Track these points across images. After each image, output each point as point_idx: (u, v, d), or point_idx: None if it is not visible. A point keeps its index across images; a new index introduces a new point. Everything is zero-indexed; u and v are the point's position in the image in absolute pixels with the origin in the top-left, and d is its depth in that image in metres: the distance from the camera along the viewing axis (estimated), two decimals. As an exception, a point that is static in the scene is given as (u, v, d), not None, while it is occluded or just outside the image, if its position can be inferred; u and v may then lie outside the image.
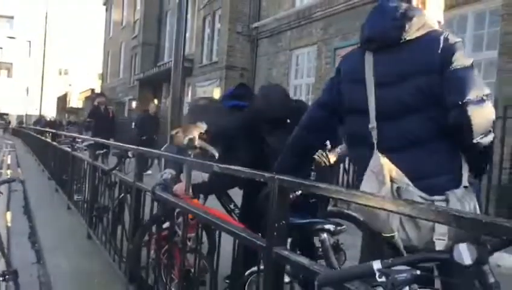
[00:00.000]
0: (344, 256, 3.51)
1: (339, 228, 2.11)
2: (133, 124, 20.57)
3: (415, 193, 1.63)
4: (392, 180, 1.65)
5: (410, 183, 1.64)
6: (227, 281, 3.04)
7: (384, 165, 1.66)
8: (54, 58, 41.86)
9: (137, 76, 23.10)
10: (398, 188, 1.63)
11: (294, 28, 13.07)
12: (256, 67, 15.00)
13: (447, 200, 1.62)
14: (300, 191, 2.01)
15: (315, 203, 2.58)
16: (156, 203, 3.18)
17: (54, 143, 9.38)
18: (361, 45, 1.86)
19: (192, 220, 2.74)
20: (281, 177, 1.67)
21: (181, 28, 6.75)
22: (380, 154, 1.70)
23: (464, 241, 1.01)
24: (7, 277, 2.48)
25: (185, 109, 8.19)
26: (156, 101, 21.42)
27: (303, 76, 13.01)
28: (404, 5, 1.77)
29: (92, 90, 32.70)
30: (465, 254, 1.01)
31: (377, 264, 1.06)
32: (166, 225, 3.05)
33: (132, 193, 3.71)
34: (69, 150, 7.20)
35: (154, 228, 3.21)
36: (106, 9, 34.75)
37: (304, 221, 2.23)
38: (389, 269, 1.05)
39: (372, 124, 1.74)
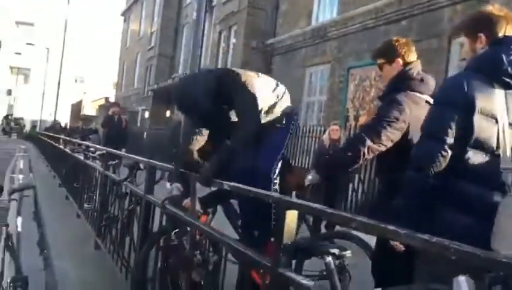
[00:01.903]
0: (349, 277, 3.51)
1: (343, 252, 2.13)
2: (145, 134, 20.60)
3: None
4: None
5: None
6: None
7: None
8: (70, 65, 42.44)
9: (152, 87, 23.35)
10: None
11: (309, 46, 13.17)
12: (270, 83, 15.07)
13: None
14: None
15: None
16: (165, 216, 3.23)
17: (67, 150, 9.47)
18: (496, 78, 1.76)
19: (201, 236, 2.78)
20: (289, 199, 1.71)
21: (197, 42, 6.83)
22: None
23: None
24: (17, 283, 2.51)
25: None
26: (168, 112, 21.59)
27: (316, 94, 13.07)
28: None
29: (106, 98, 33.07)
30: (464, 287, 1.04)
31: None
32: (174, 237, 3.08)
33: (142, 204, 3.76)
34: (81, 158, 7.28)
35: (162, 241, 3.25)
36: (124, 20, 35.25)
37: (309, 243, 2.25)
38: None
39: (507, 165, 1.70)
